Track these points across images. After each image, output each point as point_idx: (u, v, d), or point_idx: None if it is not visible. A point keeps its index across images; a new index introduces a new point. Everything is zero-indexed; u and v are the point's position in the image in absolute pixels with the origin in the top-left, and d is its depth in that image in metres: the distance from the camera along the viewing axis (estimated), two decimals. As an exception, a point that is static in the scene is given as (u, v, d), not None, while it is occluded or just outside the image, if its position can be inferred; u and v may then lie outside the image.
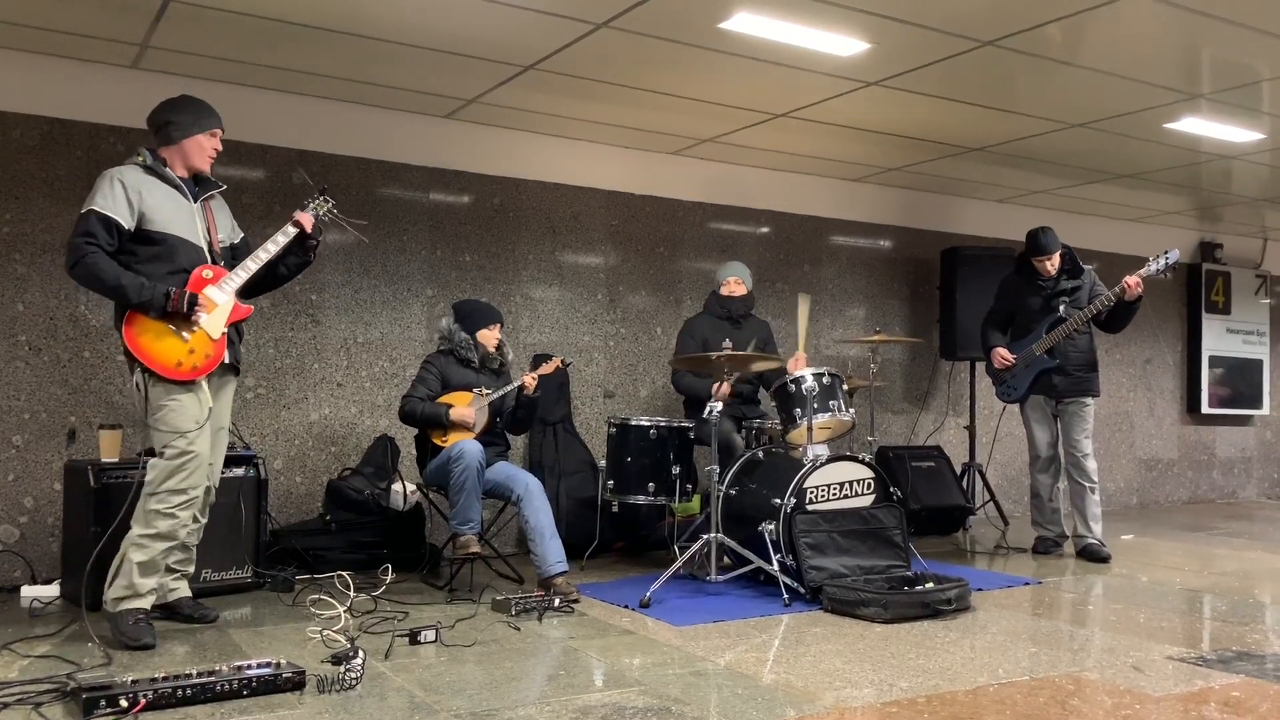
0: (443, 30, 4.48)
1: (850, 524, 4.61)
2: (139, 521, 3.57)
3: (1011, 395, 5.88)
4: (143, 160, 3.68)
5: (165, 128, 3.73)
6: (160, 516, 3.55)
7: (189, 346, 3.59)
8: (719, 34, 4.48)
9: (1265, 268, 9.55)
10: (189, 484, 3.59)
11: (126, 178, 3.60)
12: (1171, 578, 5.17)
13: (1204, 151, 6.41)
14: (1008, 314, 5.96)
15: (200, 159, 3.77)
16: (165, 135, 3.73)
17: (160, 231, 3.62)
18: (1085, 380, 5.71)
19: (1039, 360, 5.69)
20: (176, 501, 3.58)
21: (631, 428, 5.14)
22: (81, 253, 3.47)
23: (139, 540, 3.55)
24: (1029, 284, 5.82)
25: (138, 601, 3.55)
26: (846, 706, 2.91)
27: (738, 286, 5.69)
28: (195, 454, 3.59)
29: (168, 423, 3.57)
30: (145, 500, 3.57)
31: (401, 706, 2.86)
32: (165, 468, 3.56)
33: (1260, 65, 4.88)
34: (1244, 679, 3.23)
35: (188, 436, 3.56)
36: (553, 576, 4.35)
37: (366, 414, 5.57)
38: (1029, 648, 3.64)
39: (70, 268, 3.51)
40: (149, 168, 3.68)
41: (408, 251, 5.71)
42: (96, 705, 2.67)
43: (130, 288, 3.49)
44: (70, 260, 3.50)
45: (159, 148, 3.74)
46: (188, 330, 3.59)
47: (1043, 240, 5.68)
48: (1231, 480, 9.43)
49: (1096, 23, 4.34)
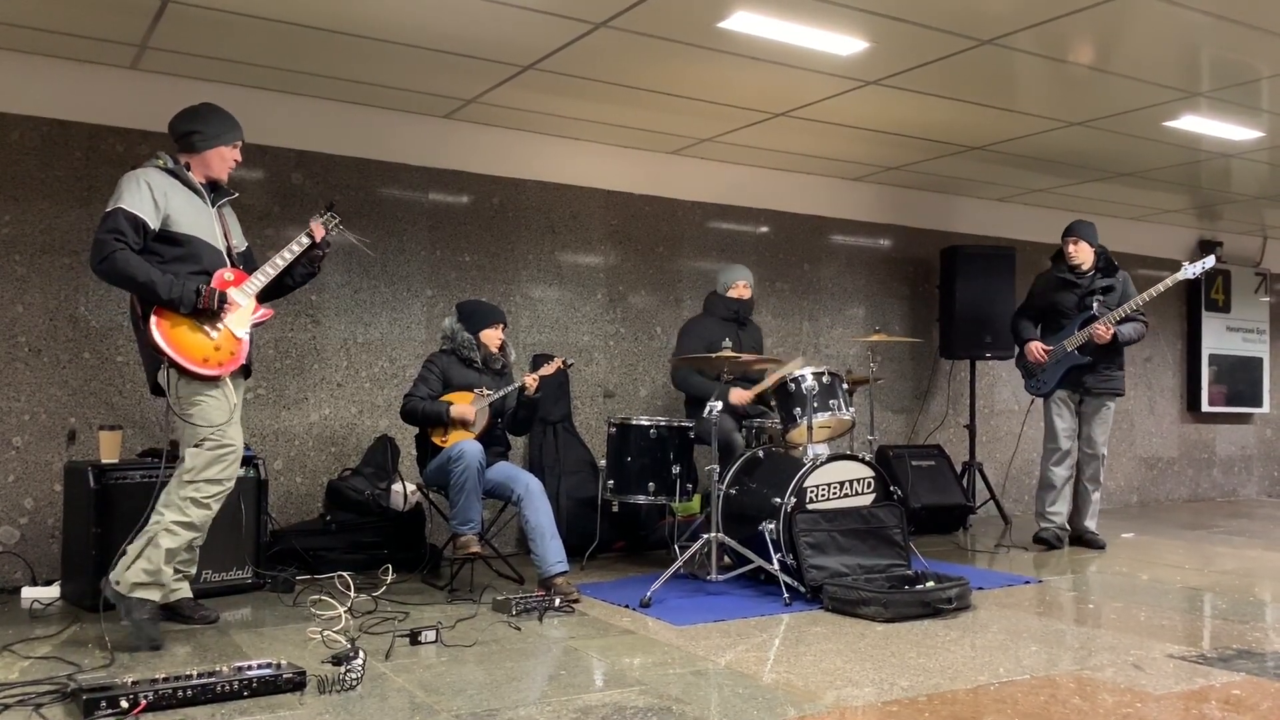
0: (441, 30, 4.48)
1: (851, 523, 4.61)
2: (172, 508, 3.55)
3: (1041, 389, 5.99)
4: (163, 163, 3.69)
5: (189, 137, 3.75)
6: (196, 505, 3.57)
7: (215, 344, 3.62)
8: (718, 33, 4.48)
9: (1265, 266, 9.55)
10: (225, 475, 3.62)
11: (152, 179, 3.61)
12: (1172, 576, 5.17)
13: (1203, 150, 6.41)
14: (1040, 309, 6.09)
15: (221, 169, 3.81)
16: (189, 144, 3.75)
17: (183, 233, 3.64)
18: (1113, 379, 5.87)
19: (1070, 356, 5.81)
20: (213, 491, 3.60)
21: (631, 427, 5.14)
22: (110, 249, 3.46)
23: (172, 527, 3.54)
24: (1063, 281, 5.95)
25: (154, 592, 3.55)
26: (847, 706, 2.91)
27: (745, 290, 5.71)
28: (233, 446, 3.63)
29: (203, 417, 3.59)
30: (182, 487, 3.56)
31: (402, 707, 2.86)
32: (206, 457, 3.58)
33: (1259, 63, 4.87)
34: (1245, 677, 3.23)
35: (222, 428, 3.60)
36: (553, 576, 4.35)
37: (366, 414, 5.57)
38: (1030, 646, 3.64)
39: (98, 263, 3.49)
40: (171, 170, 3.69)
41: (407, 252, 5.71)
42: (97, 706, 2.66)
43: (160, 284, 3.50)
44: (98, 256, 3.48)
45: (180, 153, 3.76)
46: (214, 328, 3.62)
47: (1075, 225, 5.93)
48: (1232, 478, 9.43)
49: (1096, 21, 4.34)
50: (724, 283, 5.74)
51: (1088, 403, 5.91)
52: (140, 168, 3.68)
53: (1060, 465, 5.93)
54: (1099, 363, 5.78)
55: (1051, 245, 7.72)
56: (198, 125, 3.76)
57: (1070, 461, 5.95)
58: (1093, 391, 5.85)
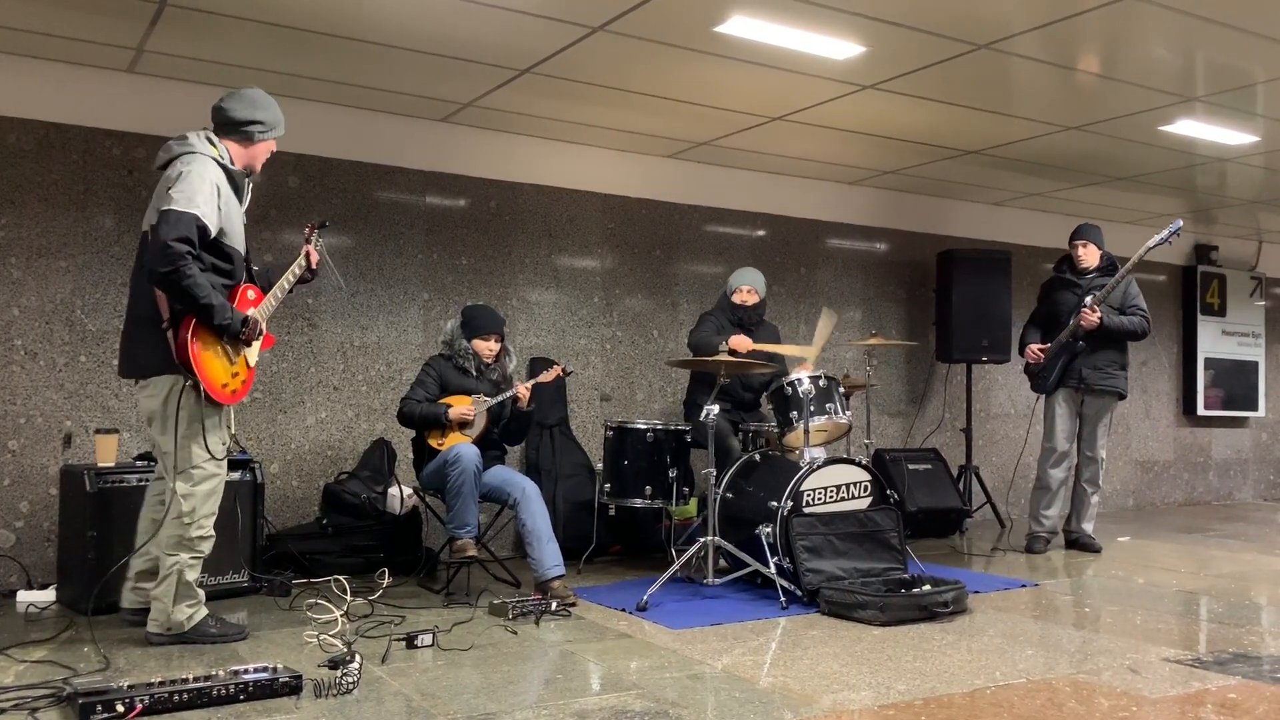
0: (438, 34, 4.48)
1: (847, 527, 4.61)
2: (181, 548, 3.53)
3: (1043, 386, 5.98)
4: (218, 153, 3.53)
5: (249, 126, 3.59)
6: (203, 540, 3.59)
7: (234, 370, 3.58)
8: (714, 37, 4.49)
9: (1260, 270, 9.57)
10: (218, 503, 3.65)
11: (219, 181, 3.48)
12: (1168, 580, 5.17)
13: (1199, 154, 6.43)
14: (1046, 316, 6.09)
15: (260, 164, 3.71)
16: (246, 134, 3.60)
17: (232, 246, 3.54)
18: (1115, 376, 5.85)
19: (1065, 345, 5.81)
20: (211, 522, 3.63)
21: (628, 431, 5.14)
22: (183, 261, 3.28)
23: (190, 562, 3.56)
24: (1064, 282, 5.97)
25: (201, 608, 3.62)
26: (844, 709, 2.91)
27: (750, 295, 5.57)
28: (221, 476, 3.65)
29: (205, 444, 3.54)
30: (184, 529, 3.53)
31: (398, 711, 2.86)
32: (201, 495, 3.56)
33: (1255, 68, 4.89)
34: (1240, 680, 3.24)
35: (217, 460, 3.59)
36: (550, 580, 4.34)
37: (363, 418, 5.57)
38: (1026, 650, 3.64)
39: (166, 273, 3.28)
40: (226, 168, 3.55)
41: (404, 255, 5.71)
42: (93, 710, 2.66)
43: (218, 309, 3.39)
44: (166, 264, 3.28)
45: (225, 139, 3.59)
46: (236, 354, 3.58)
47: (1083, 228, 5.97)
48: (1227, 482, 9.44)
49: (1092, 26, 4.35)
50: (730, 286, 5.63)
51: (1089, 403, 5.88)
52: (199, 155, 3.46)
53: (1057, 467, 5.92)
54: (1098, 355, 5.75)
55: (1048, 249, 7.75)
56: (259, 114, 3.61)
57: (1068, 464, 5.94)
58: (1094, 389, 5.81)
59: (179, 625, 3.55)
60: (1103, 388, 5.82)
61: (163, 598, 3.53)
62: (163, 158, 3.54)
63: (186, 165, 3.43)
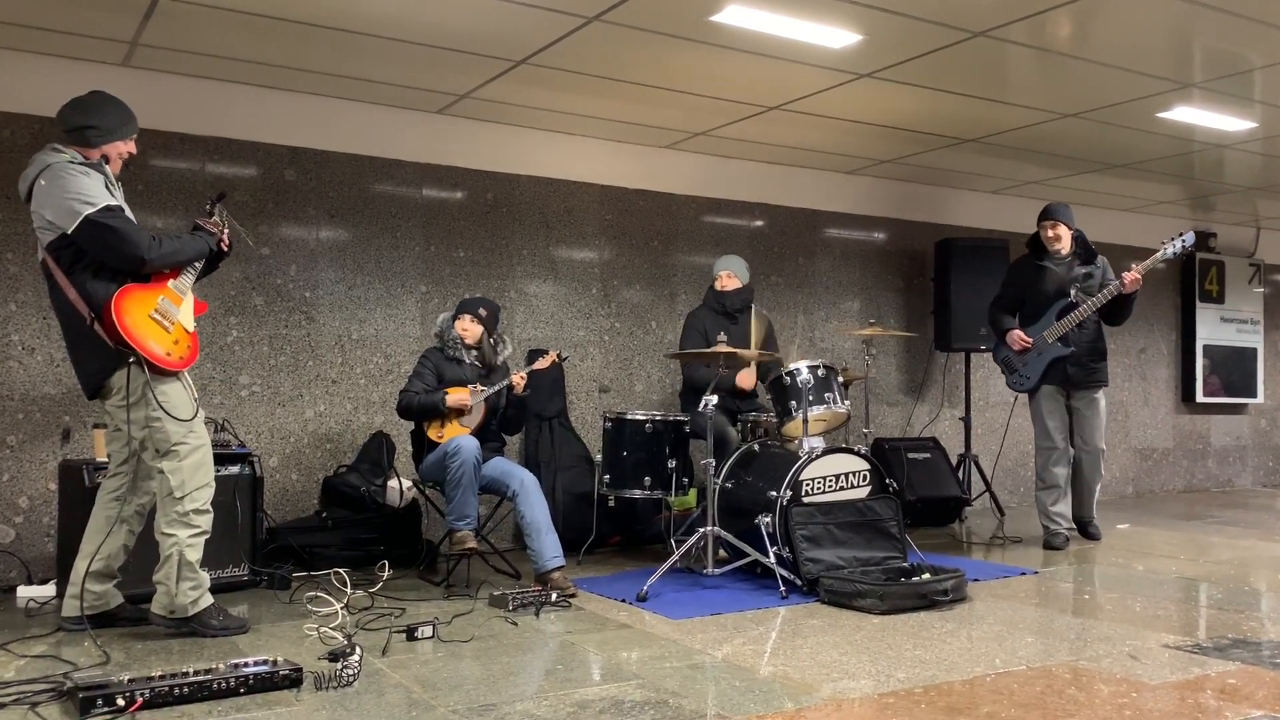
0: (434, 25, 4.47)
1: (846, 516, 4.62)
2: (178, 526, 3.52)
3: (1023, 385, 5.82)
4: (70, 158, 3.54)
5: (84, 130, 3.58)
6: (200, 514, 3.56)
7: (173, 337, 3.56)
8: (710, 27, 4.47)
9: (1259, 256, 9.57)
10: (210, 475, 3.62)
11: (83, 172, 3.51)
12: (1167, 566, 5.18)
13: (1197, 141, 6.42)
14: (1016, 298, 5.87)
15: (116, 167, 3.67)
16: (84, 138, 3.59)
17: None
18: (1097, 370, 5.72)
19: (1052, 348, 5.64)
20: (207, 495, 3.59)
21: (627, 422, 5.14)
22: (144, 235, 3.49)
23: (189, 541, 3.54)
24: (1041, 268, 5.75)
25: (207, 596, 3.61)
26: (844, 698, 2.91)
27: (730, 280, 5.63)
28: (205, 444, 3.60)
29: (172, 410, 3.50)
30: (178, 504, 3.52)
31: (399, 703, 2.86)
32: (188, 468, 3.54)
33: (1252, 54, 4.88)
34: (1240, 666, 3.24)
35: (190, 425, 3.54)
36: (549, 571, 4.35)
37: (362, 410, 5.56)
38: (1026, 637, 3.65)
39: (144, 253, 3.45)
40: (81, 163, 3.55)
41: (401, 248, 5.70)
42: (93, 704, 2.66)
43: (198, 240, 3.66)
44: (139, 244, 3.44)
45: (71, 145, 3.58)
46: (169, 321, 3.55)
47: (1051, 207, 5.73)
48: (1226, 469, 9.46)
49: (1088, 12, 4.34)
50: (713, 274, 5.72)
51: (1076, 398, 5.75)
52: (53, 163, 3.49)
53: (1059, 465, 5.79)
54: (1080, 354, 5.63)
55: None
56: (93, 119, 3.59)
57: (1068, 459, 5.82)
58: (1079, 385, 5.70)
59: (183, 609, 3.54)
60: (1087, 383, 5.70)
61: (165, 580, 3.53)
62: (24, 188, 3.58)
63: (53, 175, 3.47)
